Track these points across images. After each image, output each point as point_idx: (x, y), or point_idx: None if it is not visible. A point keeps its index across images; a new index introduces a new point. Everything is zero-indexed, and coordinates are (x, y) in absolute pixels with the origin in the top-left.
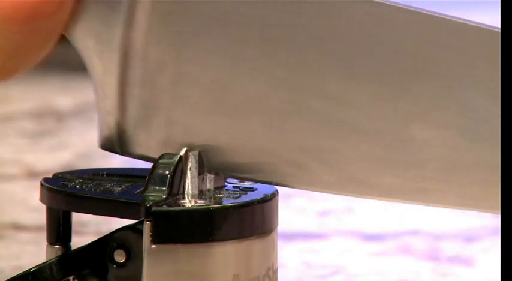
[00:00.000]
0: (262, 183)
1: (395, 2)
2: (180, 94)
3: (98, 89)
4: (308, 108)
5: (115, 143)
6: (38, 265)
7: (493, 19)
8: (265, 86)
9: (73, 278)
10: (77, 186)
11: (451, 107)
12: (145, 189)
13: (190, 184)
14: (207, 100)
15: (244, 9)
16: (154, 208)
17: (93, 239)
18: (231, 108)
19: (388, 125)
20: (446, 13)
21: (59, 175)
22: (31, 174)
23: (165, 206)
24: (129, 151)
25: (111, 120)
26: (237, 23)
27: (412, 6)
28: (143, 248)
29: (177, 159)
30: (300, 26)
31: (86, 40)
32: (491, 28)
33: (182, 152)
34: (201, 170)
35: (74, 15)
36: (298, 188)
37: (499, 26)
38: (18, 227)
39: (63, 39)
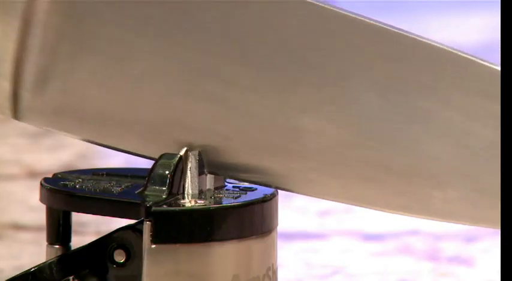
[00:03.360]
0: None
1: None
2: (78, 63)
3: None
4: (202, 89)
5: (7, 107)
6: (38, 265)
7: (493, 19)
8: (162, 64)
9: (73, 278)
10: (77, 186)
11: (343, 103)
12: (145, 189)
13: (190, 184)
14: (104, 72)
15: None
16: (154, 208)
17: (93, 239)
18: (126, 82)
19: (280, 113)
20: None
21: (59, 175)
22: (31, 174)
23: (165, 206)
24: (21, 117)
25: (6, 85)
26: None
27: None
28: (143, 248)
29: (177, 159)
30: (199, 8)
31: None
32: (392, 29)
33: (182, 152)
34: (201, 170)
35: None
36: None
37: (394, 26)
38: (18, 227)
39: None
